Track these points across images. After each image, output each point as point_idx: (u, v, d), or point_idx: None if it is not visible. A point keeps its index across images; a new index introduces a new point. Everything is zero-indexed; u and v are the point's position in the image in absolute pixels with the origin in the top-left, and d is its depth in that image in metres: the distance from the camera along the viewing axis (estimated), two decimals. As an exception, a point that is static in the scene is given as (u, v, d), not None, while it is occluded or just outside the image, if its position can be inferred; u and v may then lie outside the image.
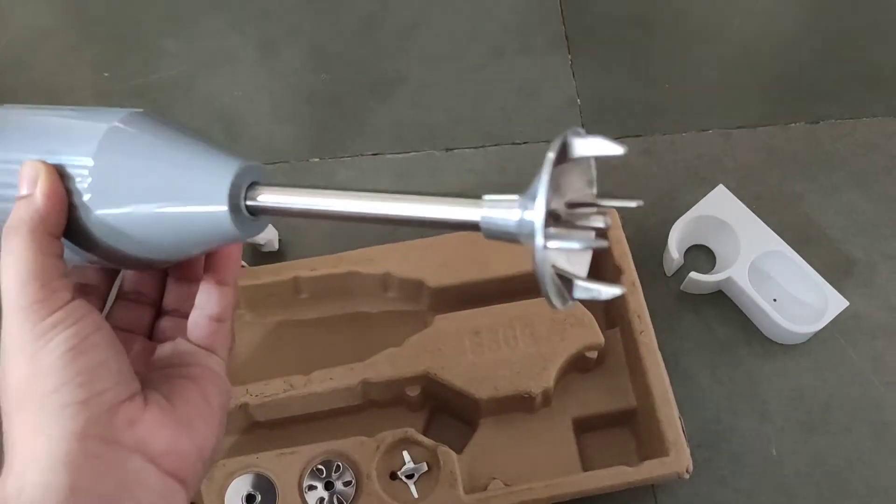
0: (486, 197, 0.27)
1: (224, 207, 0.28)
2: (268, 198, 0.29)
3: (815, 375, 0.57)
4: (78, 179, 0.29)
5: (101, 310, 0.34)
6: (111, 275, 0.35)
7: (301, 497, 0.48)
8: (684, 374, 0.56)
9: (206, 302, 0.33)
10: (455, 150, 0.66)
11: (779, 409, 0.56)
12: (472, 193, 0.28)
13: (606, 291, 0.27)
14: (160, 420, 0.29)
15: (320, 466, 0.49)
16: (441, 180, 0.64)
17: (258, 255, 0.61)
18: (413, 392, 0.52)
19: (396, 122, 0.67)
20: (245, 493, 0.48)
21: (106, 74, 0.70)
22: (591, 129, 0.66)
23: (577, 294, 0.28)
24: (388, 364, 0.52)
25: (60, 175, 0.29)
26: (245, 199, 0.29)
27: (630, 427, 0.54)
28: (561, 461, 0.52)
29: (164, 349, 0.33)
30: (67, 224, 0.30)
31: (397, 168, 0.65)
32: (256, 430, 0.53)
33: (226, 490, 0.48)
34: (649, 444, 0.51)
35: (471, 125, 0.67)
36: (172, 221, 0.29)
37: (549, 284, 0.27)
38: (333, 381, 0.51)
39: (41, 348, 0.27)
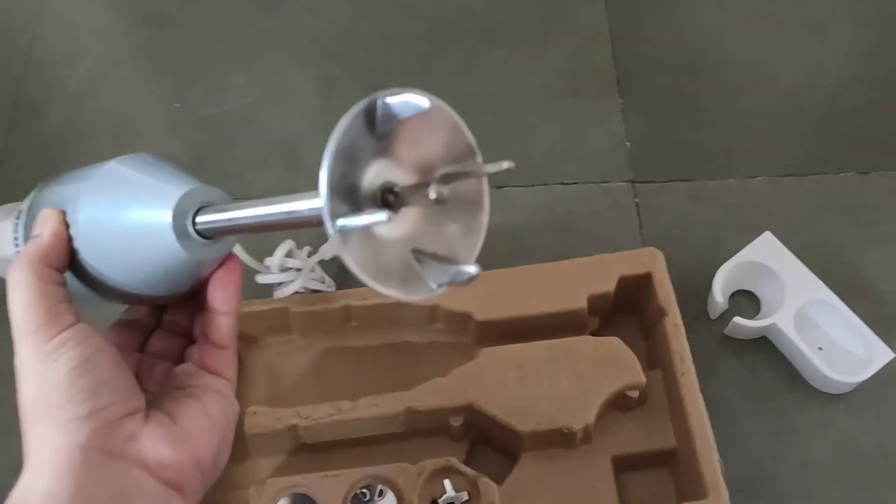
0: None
1: (170, 234, 0.31)
2: (204, 217, 0.32)
3: (860, 425, 0.57)
4: (72, 225, 0.33)
5: (145, 341, 0.38)
6: (157, 311, 0.39)
7: (344, 519, 0.50)
8: (726, 418, 0.57)
9: (207, 329, 0.35)
10: (504, 189, 0.68)
11: (821, 458, 0.56)
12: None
13: (463, 272, 0.27)
14: (159, 434, 0.31)
15: (363, 490, 0.51)
16: (489, 218, 0.66)
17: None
18: (456, 422, 0.53)
19: (448, 159, 0.69)
20: (291, 513, 0.50)
21: (176, 105, 0.73)
22: (641, 173, 0.68)
23: (433, 276, 0.27)
24: (433, 393, 0.53)
25: (66, 223, 0.33)
26: (194, 222, 0.31)
27: (670, 468, 0.55)
28: (599, 498, 0.52)
29: (178, 371, 0.36)
30: (76, 266, 0.33)
31: (448, 203, 0.67)
32: (303, 451, 0.55)
33: (272, 508, 0.50)
34: (688, 486, 0.52)
35: (519, 164, 0.68)
36: (136, 252, 0.32)
37: (359, 271, 0.26)
38: (379, 407, 0.53)
39: (47, 368, 0.30)
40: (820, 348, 0.58)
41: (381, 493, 0.51)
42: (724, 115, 0.71)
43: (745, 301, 0.62)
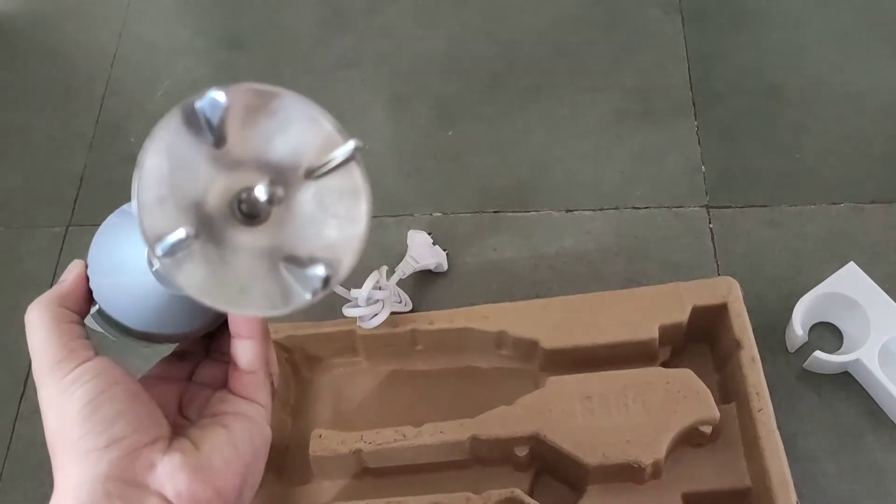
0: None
1: (148, 274, 0.32)
2: None
3: (950, 470, 0.54)
4: (89, 273, 0.34)
5: (194, 372, 0.38)
6: (206, 341, 0.39)
7: (406, 548, 0.49)
8: (803, 457, 0.54)
9: (234, 355, 0.36)
10: (574, 212, 0.67)
11: (907, 504, 0.53)
12: None
13: (313, 276, 0.25)
14: (179, 463, 0.31)
15: (426, 519, 0.50)
16: (559, 241, 0.65)
17: (429, 278, 0.64)
18: (521, 452, 0.52)
19: (517, 181, 0.69)
20: (353, 539, 0.50)
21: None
22: (716, 198, 0.66)
23: (304, 283, 0.26)
24: (498, 422, 0.52)
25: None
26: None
27: (743, 508, 0.53)
28: (668, 537, 0.51)
29: (213, 398, 0.36)
30: (101, 312, 0.34)
31: (516, 226, 0.66)
32: (366, 476, 0.55)
33: (335, 533, 0.50)
34: (764, 528, 0.50)
35: (590, 187, 0.68)
36: (130, 294, 0.33)
37: (198, 295, 0.25)
38: (444, 434, 0.52)
39: (65, 402, 0.31)
40: (907, 386, 0.55)
41: (443, 523, 0.50)
42: (805, 138, 0.69)
43: (827, 334, 0.60)
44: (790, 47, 0.73)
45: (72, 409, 0.31)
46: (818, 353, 0.56)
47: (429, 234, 0.64)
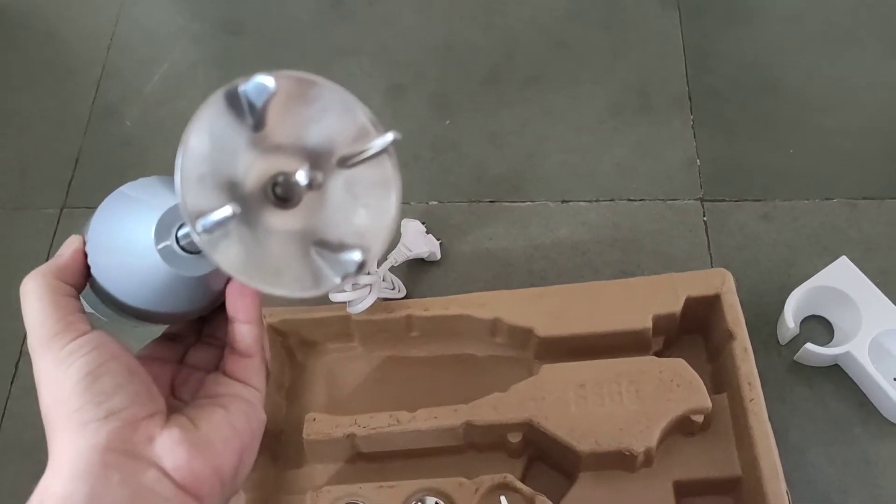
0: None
1: (153, 251, 0.31)
2: (182, 231, 0.32)
3: (937, 463, 0.54)
4: (87, 250, 0.34)
5: (185, 355, 0.38)
6: (198, 325, 0.39)
7: (399, 531, 0.49)
8: (793, 447, 0.55)
9: (231, 339, 0.36)
10: (570, 203, 0.67)
11: (893, 494, 0.53)
12: None
13: (350, 260, 0.26)
14: (178, 438, 0.31)
15: (419, 502, 0.50)
16: (554, 232, 0.65)
17: (423, 267, 0.64)
18: (514, 438, 0.53)
19: (513, 171, 0.69)
20: (346, 521, 0.50)
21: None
22: (711, 191, 0.66)
23: (335, 268, 0.26)
24: (492, 408, 0.52)
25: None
26: (178, 238, 0.32)
27: (733, 496, 0.53)
28: (659, 524, 0.51)
29: (207, 380, 0.36)
30: (97, 289, 0.34)
31: (512, 216, 0.66)
32: (359, 460, 0.55)
33: (328, 516, 0.50)
34: (753, 516, 0.50)
35: (586, 179, 0.68)
36: (132, 272, 0.33)
37: (233, 271, 0.25)
38: (437, 420, 0.52)
39: (62, 374, 0.31)
40: (895, 379, 0.56)
41: (436, 506, 0.50)
42: (799, 134, 0.69)
43: (818, 327, 0.60)
44: (786, 43, 0.74)
45: (69, 381, 0.30)
46: (809, 346, 0.56)
47: (422, 223, 0.64)
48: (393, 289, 0.60)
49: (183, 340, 0.39)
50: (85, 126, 0.75)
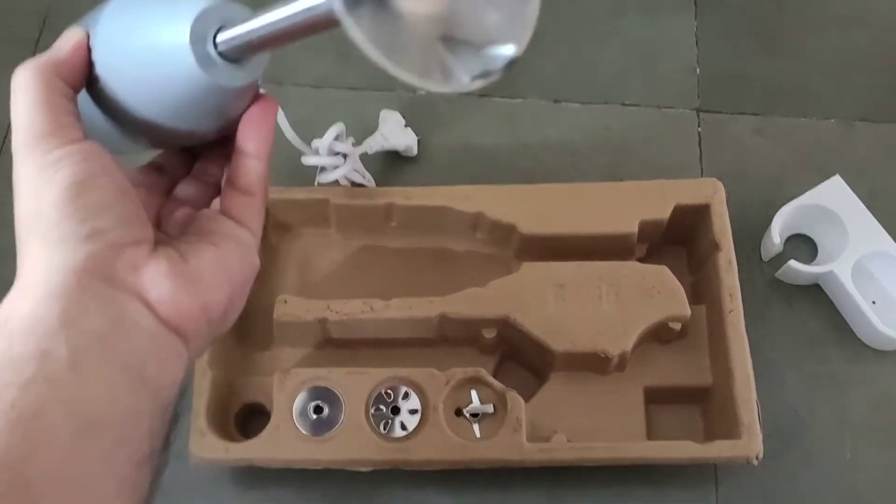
0: None
1: (189, 53, 0.28)
2: (224, 35, 0.29)
3: (904, 387, 0.55)
4: (94, 49, 0.30)
5: (171, 189, 0.35)
6: (188, 158, 0.36)
7: (367, 417, 0.49)
8: (767, 362, 0.54)
9: (234, 174, 0.33)
10: (562, 103, 0.64)
11: (859, 415, 0.54)
12: None
13: (499, 56, 0.24)
14: (165, 270, 0.28)
15: (388, 391, 0.50)
16: (543, 131, 0.63)
17: (398, 162, 0.61)
18: (489, 334, 0.52)
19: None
20: (314, 405, 0.49)
21: None
22: (707, 102, 0.64)
23: (464, 65, 0.24)
24: (469, 303, 0.51)
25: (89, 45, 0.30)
26: (215, 42, 0.29)
27: (701, 406, 0.53)
28: (626, 427, 0.51)
29: (199, 215, 0.33)
30: (98, 97, 0.30)
31: (502, 112, 0.64)
32: (328, 346, 0.54)
33: (295, 397, 0.49)
34: (721, 425, 0.50)
35: (581, 79, 0.65)
36: (155, 76, 0.29)
37: (367, 45, 0.23)
38: (412, 310, 0.51)
39: (45, 181, 0.27)
40: (874, 302, 0.55)
41: (405, 396, 0.50)
42: (803, 49, 0.67)
43: (802, 246, 0.59)
44: (800, -47, 0.71)
45: (52, 190, 0.27)
46: (793, 263, 0.56)
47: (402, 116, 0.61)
48: (364, 178, 0.57)
49: (170, 173, 0.35)
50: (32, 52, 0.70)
